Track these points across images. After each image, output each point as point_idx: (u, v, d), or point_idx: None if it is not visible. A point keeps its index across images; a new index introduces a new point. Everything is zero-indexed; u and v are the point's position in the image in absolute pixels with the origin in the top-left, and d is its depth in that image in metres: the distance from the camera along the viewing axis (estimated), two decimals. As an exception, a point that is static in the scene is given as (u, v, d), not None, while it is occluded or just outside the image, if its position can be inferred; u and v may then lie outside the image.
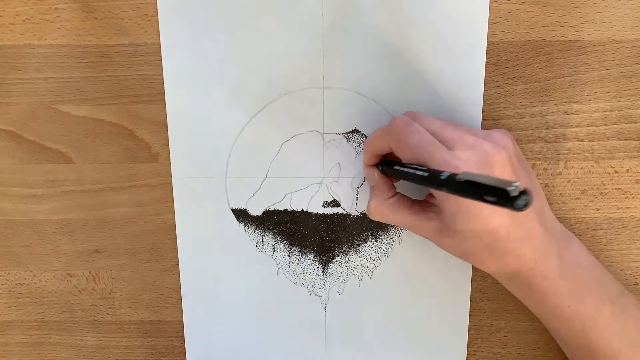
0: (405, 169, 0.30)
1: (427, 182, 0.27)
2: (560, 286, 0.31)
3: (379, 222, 0.37)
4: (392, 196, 0.33)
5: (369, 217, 0.34)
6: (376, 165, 0.34)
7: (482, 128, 0.35)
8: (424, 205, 0.33)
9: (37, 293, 0.39)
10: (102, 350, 0.40)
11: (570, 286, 0.31)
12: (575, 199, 0.36)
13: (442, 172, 0.26)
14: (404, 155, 0.30)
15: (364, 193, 0.36)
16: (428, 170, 0.28)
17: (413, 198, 0.34)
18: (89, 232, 0.38)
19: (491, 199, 0.22)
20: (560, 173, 0.36)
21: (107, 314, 0.39)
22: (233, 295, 0.38)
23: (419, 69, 0.34)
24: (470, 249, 0.30)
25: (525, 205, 0.20)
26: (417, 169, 0.29)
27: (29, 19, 0.34)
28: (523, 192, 0.20)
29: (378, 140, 0.32)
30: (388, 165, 0.33)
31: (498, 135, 0.30)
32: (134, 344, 0.40)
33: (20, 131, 0.36)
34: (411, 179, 0.29)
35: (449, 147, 0.29)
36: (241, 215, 0.37)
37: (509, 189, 0.20)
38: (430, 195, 0.32)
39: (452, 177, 0.25)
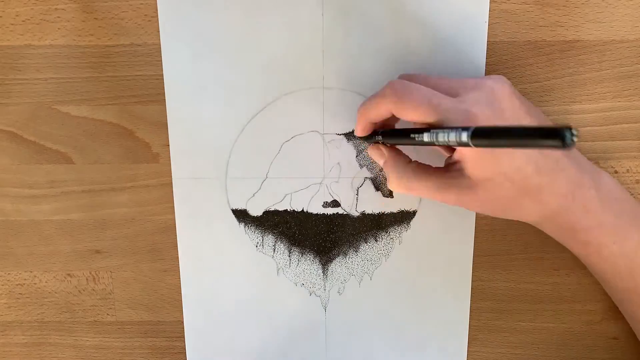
0: (417, 135, 0.28)
1: (448, 138, 0.25)
2: (603, 219, 0.30)
3: (379, 221, 0.37)
4: (410, 162, 0.32)
5: (395, 190, 0.32)
6: (375, 138, 0.32)
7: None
8: (443, 169, 0.31)
9: (37, 293, 0.39)
10: (102, 350, 0.40)
11: (613, 220, 0.30)
12: (576, 199, 0.36)
13: (465, 127, 0.24)
14: (408, 115, 0.28)
15: (364, 193, 0.36)
16: (448, 128, 0.26)
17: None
18: (89, 232, 0.38)
19: (536, 136, 0.20)
20: (560, 173, 0.36)
21: (107, 314, 0.39)
22: (233, 295, 0.38)
23: (419, 69, 0.34)
24: (505, 197, 0.29)
25: (573, 141, 0.19)
26: (431, 130, 0.27)
27: (29, 20, 0.34)
28: (568, 128, 0.19)
29: (376, 106, 0.30)
30: (390, 137, 0.31)
31: (494, 75, 0.30)
32: (134, 344, 0.40)
33: (20, 131, 0.36)
34: (423, 142, 0.27)
35: (453, 95, 0.28)
36: (241, 215, 0.37)
37: (562, 128, 0.19)
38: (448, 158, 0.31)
39: (481, 128, 0.23)
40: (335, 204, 0.37)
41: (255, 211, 0.37)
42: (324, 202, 0.37)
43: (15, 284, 0.39)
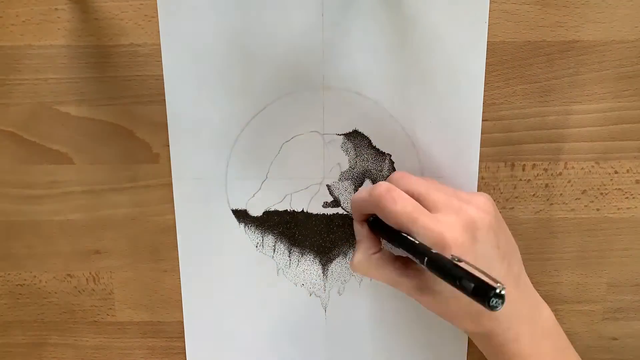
0: (393, 235, 0.30)
1: (412, 254, 0.28)
2: (528, 352, 0.31)
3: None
4: (377, 252, 0.33)
5: (352, 270, 0.34)
6: (366, 219, 0.34)
7: (482, 128, 0.35)
8: (406, 262, 0.32)
9: (38, 294, 0.39)
10: (102, 351, 0.40)
11: (537, 351, 0.31)
12: (576, 199, 0.36)
13: (428, 250, 0.27)
14: (388, 221, 0.30)
15: (364, 193, 0.36)
16: (415, 245, 0.28)
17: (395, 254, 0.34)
18: (89, 232, 0.38)
19: (469, 286, 0.23)
20: (560, 173, 0.36)
21: (107, 314, 0.39)
22: (233, 295, 0.38)
23: (419, 69, 0.34)
24: (450, 310, 0.31)
25: (497, 307, 0.22)
26: (405, 237, 0.29)
27: (29, 20, 0.34)
28: (501, 295, 0.22)
29: (362, 204, 0.32)
30: (375, 225, 0.33)
31: (481, 199, 0.31)
32: (134, 344, 0.40)
33: (20, 132, 0.36)
34: (398, 244, 0.30)
35: (434, 210, 0.30)
36: (241, 215, 0.37)
37: (496, 285, 0.22)
38: None
39: (435, 258, 0.26)
40: (335, 204, 0.37)
41: (255, 211, 0.37)
42: (324, 202, 0.37)
43: (15, 284, 0.39)
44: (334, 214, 0.37)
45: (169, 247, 0.38)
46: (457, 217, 0.29)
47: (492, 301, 0.22)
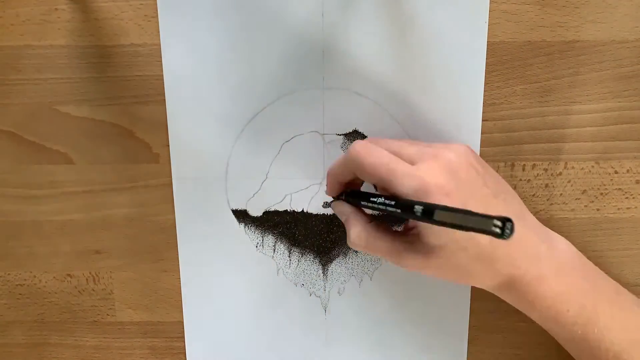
0: (375, 199, 0.29)
1: (402, 211, 0.27)
2: (557, 289, 0.31)
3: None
4: (370, 222, 0.32)
5: (351, 246, 0.32)
6: (341, 197, 0.33)
7: (482, 128, 0.35)
8: (401, 232, 0.32)
9: (38, 294, 0.39)
10: (102, 351, 0.40)
11: (567, 288, 0.31)
12: (576, 199, 0.36)
13: (414, 203, 0.25)
14: (367, 177, 0.30)
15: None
16: (400, 202, 0.27)
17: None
18: (89, 232, 0.38)
19: (473, 227, 0.22)
20: (560, 173, 0.36)
21: (107, 314, 0.39)
22: (233, 295, 0.38)
23: (418, 69, 0.34)
24: (460, 265, 0.29)
25: (510, 234, 0.21)
26: (386, 201, 0.28)
27: (29, 20, 0.34)
28: (507, 222, 0.21)
29: (340, 167, 0.32)
30: (354, 197, 0.32)
31: (455, 145, 0.31)
32: (134, 344, 0.40)
33: (20, 132, 0.36)
34: (383, 207, 0.28)
35: (411, 162, 0.29)
36: (241, 215, 0.37)
37: (492, 228, 0.21)
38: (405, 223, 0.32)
39: (427, 209, 0.25)
40: (335, 204, 0.37)
41: (255, 211, 0.37)
42: (324, 203, 0.37)
43: (15, 284, 0.39)
44: (334, 214, 0.37)
45: (169, 247, 0.38)
46: (435, 162, 0.29)
47: (507, 226, 0.21)
